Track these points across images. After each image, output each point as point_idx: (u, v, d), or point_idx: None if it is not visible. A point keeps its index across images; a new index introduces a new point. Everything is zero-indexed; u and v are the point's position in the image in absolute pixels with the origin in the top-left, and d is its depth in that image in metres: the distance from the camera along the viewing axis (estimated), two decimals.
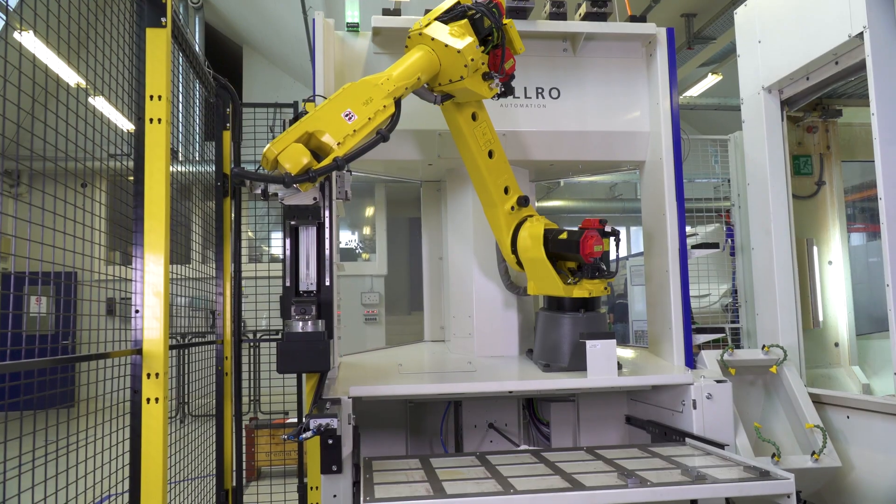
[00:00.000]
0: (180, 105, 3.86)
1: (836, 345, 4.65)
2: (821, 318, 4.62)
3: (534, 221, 3.71)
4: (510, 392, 3.71)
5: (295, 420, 5.58)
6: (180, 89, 3.79)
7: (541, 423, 4.18)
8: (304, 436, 2.64)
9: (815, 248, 4.68)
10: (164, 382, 2.54)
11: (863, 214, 6.32)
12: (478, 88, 3.24)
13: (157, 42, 2.67)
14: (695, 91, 11.93)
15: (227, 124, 3.91)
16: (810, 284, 4.58)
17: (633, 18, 4.09)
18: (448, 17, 3.16)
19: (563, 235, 3.55)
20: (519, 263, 3.76)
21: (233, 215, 3.93)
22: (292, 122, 3.11)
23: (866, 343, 4.77)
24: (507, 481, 2.66)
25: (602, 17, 3.98)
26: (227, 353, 3.83)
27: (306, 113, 3.15)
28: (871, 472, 3.55)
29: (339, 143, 2.77)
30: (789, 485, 2.61)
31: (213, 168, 3.96)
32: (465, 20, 3.14)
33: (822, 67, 3.94)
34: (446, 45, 3.08)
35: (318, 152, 2.77)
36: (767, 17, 4.33)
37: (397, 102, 2.98)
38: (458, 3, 3.18)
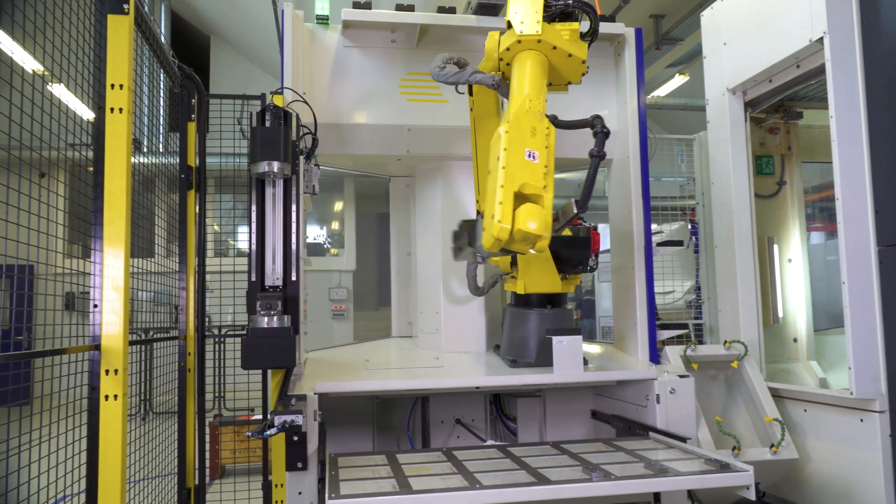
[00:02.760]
0: (144, 95, 3.77)
1: (795, 340, 4.74)
2: (780, 315, 4.71)
3: None
4: (477, 388, 3.71)
5: (260, 417, 5.51)
6: (144, 79, 3.70)
7: (508, 419, 4.19)
8: (268, 432, 2.61)
9: (775, 247, 4.76)
10: (122, 379, 2.48)
11: (822, 214, 6.45)
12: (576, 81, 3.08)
13: (119, 29, 2.60)
14: (662, 91, 12.07)
15: (193, 115, 3.84)
16: (771, 282, 4.66)
17: (602, 18, 4.10)
18: (550, 16, 2.90)
19: (567, 233, 3.58)
20: (513, 262, 3.69)
21: (197, 208, 3.86)
22: (259, 115, 3.07)
23: (823, 339, 4.87)
24: (473, 476, 2.65)
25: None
26: (189, 348, 3.76)
27: (274, 105, 3.11)
28: (826, 463, 3.62)
29: (544, 186, 2.59)
30: (748, 477, 2.65)
31: (178, 160, 3.88)
32: (576, 24, 2.93)
33: (784, 70, 4.01)
34: (570, 55, 2.90)
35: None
36: (732, 21, 4.38)
37: (549, 118, 2.80)
38: None
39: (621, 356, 3.98)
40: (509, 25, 2.85)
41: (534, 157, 2.61)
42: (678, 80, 11.63)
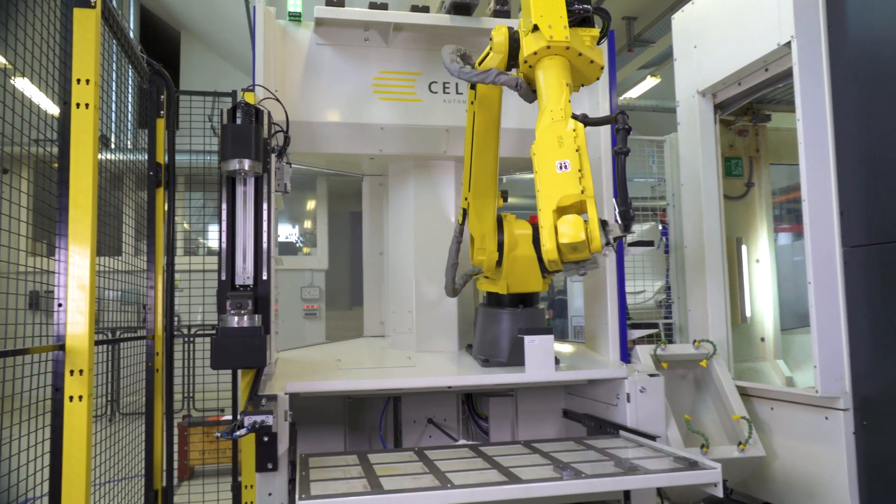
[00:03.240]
0: (112, 91, 3.71)
1: (763, 340, 4.82)
2: (748, 314, 4.78)
3: (513, 218, 3.69)
4: (449, 387, 3.71)
5: (230, 417, 5.46)
6: (112, 75, 3.64)
7: (480, 418, 4.20)
8: (238, 433, 2.58)
9: (744, 247, 4.83)
10: (88, 380, 2.43)
11: (789, 215, 6.56)
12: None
13: (86, 23, 2.55)
14: (634, 92, 12.18)
15: (162, 112, 3.78)
16: (739, 282, 4.73)
17: None
18: (572, 22, 2.91)
19: None
20: (498, 262, 3.65)
21: (166, 206, 3.81)
22: (230, 113, 3.04)
23: (790, 338, 4.95)
24: (444, 476, 2.65)
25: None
26: (158, 348, 3.71)
27: (246, 103, 3.08)
28: (792, 460, 3.69)
29: (582, 191, 2.60)
30: (716, 474, 2.69)
31: (146, 157, 3.83)
32: (596, 30, 2.98)
33: (752, 74, 4.07)
34: (591, 62, 2.93)
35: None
36: (703, 24, 4.43)
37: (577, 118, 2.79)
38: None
39: (592, 355, 4.01)
40: (535, 28, 2.85)
41: (566, 167, 2.63)
42: (650, 82, 11.74)
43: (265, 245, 3.08)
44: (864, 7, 3.33)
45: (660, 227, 6.10)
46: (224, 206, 3.07)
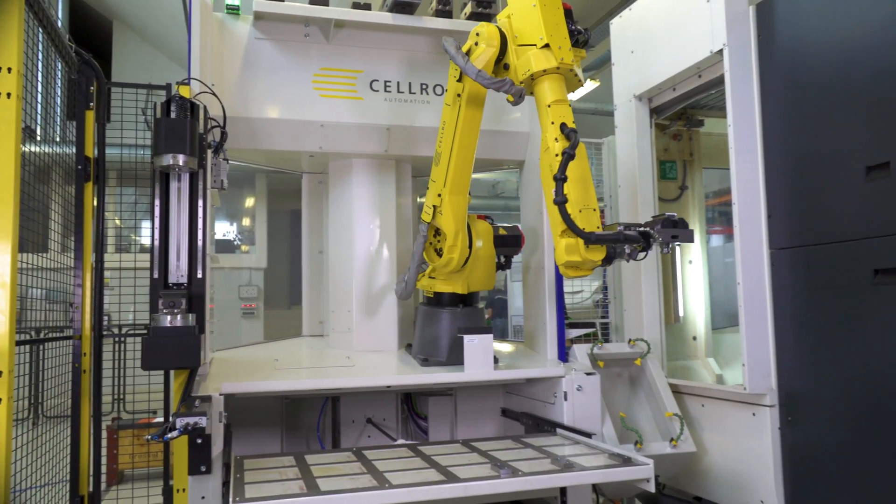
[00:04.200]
0: (38, 81, 3.56)
1: (695, 338, 4.96)
2: (681, 314, 4.92)
3: (474, 217, 3.81)
4: (388, 387, 3.70)
5: (162, 420, 5.32)
6: (38, 65, 3.50)
7: (419, 418, 4.21)
8: (169, 435, 2.52)
9: (678, 248, 4.97)
10: (8, 381, 2.34)
11: (721, 218, 6.78)
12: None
13: (8, 10, 2.45)
14: (574, 95, 12.37)
15: (91, 104, 3.65)
16: (673, 282, 4.87)
17: None
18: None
19: (503, 232, 3.81)
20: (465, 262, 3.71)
21: (95, 201, 3.68)
22: (164, 106, 2.96)
23: (720, 337, 5.12)
24: (382, 476, 2.65)
25: (487, 18, 4.04)
26: (85, 349, 3.58)
27: (180, 96, 3.00)
28: (721, 455, 3.82)
29: (580, 210, 2.94)
30: (649, 470, 2.76)
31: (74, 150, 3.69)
32: (584, 51, 3.26)
33: (686, 80, 4.18)
34: (578, 80, 3.23)
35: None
36: (639, 30, 4.54)
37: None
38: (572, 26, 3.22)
39: (531, 354, 4.06)
40: (546, 46, 3.06)
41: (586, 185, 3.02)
42: (589, 85, 11.96)
43: (200, 242, 3.02)
44: (792, 18, 3.48)
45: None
46: (157, 202, 2.99)
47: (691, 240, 3.18)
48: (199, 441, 2.83)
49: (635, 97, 4.55)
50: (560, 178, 2.89)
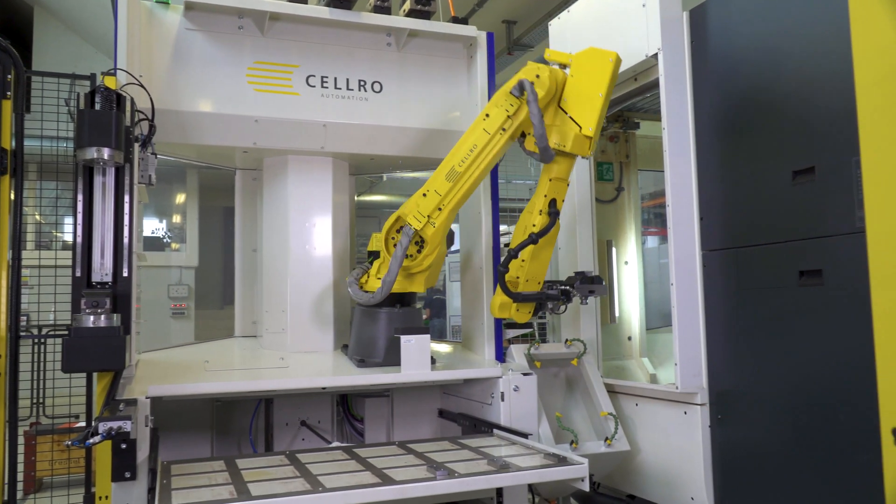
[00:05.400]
0: None
1: (629, 338, 5.09)
2: (617, 314, 5.04)
3: None
4: (323, 388, 3.68)
5: (84, 424, 5.14)
6: None
7: (355, 420, 4.19)
8: (91, 441, 2.44)
9: (614, 249, 5.09)
10: None
11: (656, 219, 6.97)
12: None
13: None
14: None
15: (8, 93, 3.50)
16: (609, 283, 4.98)
17: (455, 20, 4.20)
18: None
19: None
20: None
21: (12, 195, 3.53)
22: (89, 97, 2.87)
23: (654, 337, 5.26)
24: (316, 479, 2.63)
25: (426, 15, 4.05)
26: (0, 350, 3.43)
27: (106, 87, 2.92)
28: (654, 453, 3.93)
29: (539, 283, 3.69)
30: (583, 469, 2.82)
31: None
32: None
33: (623, 82, 4.29)
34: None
35: None
36: (577, 32, 4.62)
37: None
38: None
39: (469, 355, 4.09)
40: (588, 137, 3.38)
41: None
42: None
43: (126, 240, 2.95)
44: (723, 24, 3.61)
45: None
46: (80, 196, 2.90)
47: (605, 293, 3.91)
48: (124, 446, 2.75)
49: None
50: (512, 255, 3.51)
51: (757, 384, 3.36)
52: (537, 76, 3.38)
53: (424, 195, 3.55)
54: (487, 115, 3.49)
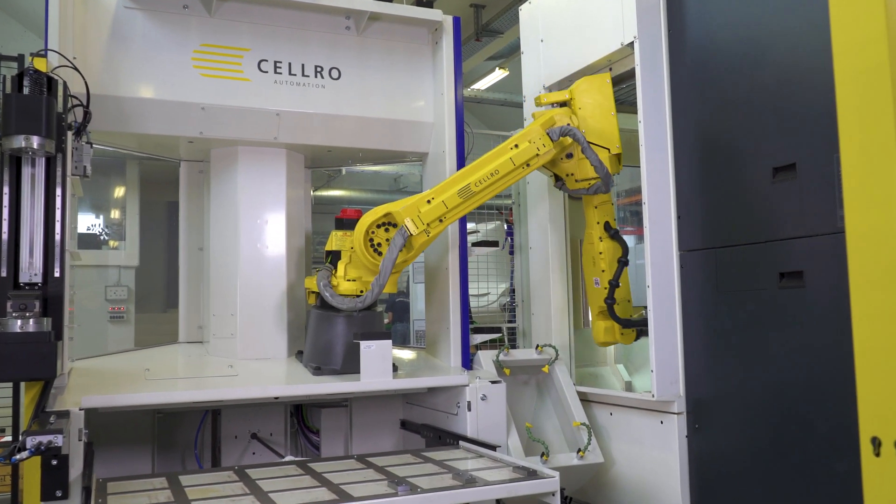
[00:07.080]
0: None
1: None
2: (590, 318, 5.09)
3: None
4: (276, 398, 3.65)
5: (10, 439, 5.03)
6: None
7: (310, 432, 4.17)
8: (18, 457, 2.39)
9: None
10: None
11: (633, 218, 7.04)
12: None
13: None
14: (482, 84, 12.55)
15: None
16: (582, 285, 5.02)
17: (419, 3, 4.21)
18: None
19: None
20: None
21: None
22: (16, 80, 2.81)
23: None
24: (267, 497, 2.62)
25: None
26: None
27: (35, 70, 2.86)
28: (628, 465, 3.98)
29: (628, 301, 4.24)
30: (554, 483, 2.86)
31: None
32: None
33: (597, 72, 4.33)
34: None
35: None
36: (549, 18, 4.65)
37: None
38: None
39: (433, 362, 4.10)
40: (617, 155, 3.99)
41: (597, 283, 4.11)
42: (498, 74, 12.14)
43: (58, 237, 2.89)
44: (701, 12, 3.66)
45: (505, 227, 6.33)
46: (6, 189, 2.84)
47: None
48: (55, 462, 2.69)
49: (545, 88, 4.66)
50: (615, 285, 3.99)
51: (736, 392, 3.42)
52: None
53: (429, 202, 3.57)
54: (516, 146, 3.72)
